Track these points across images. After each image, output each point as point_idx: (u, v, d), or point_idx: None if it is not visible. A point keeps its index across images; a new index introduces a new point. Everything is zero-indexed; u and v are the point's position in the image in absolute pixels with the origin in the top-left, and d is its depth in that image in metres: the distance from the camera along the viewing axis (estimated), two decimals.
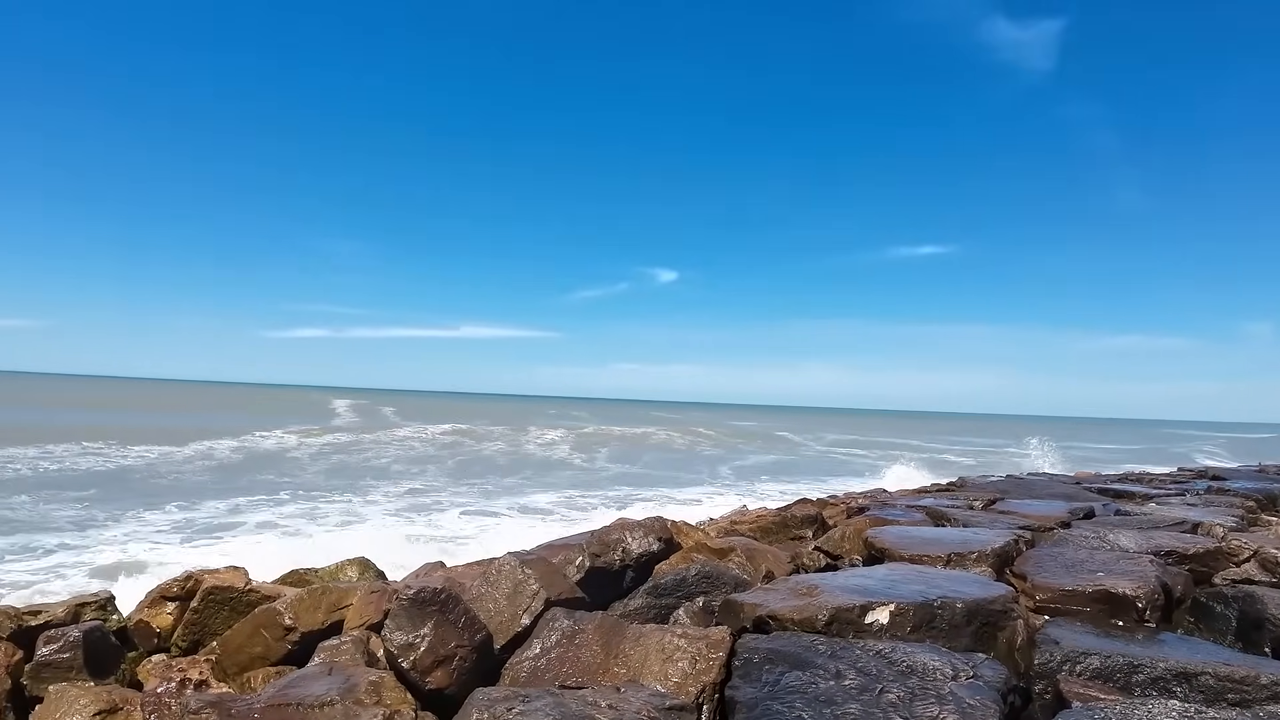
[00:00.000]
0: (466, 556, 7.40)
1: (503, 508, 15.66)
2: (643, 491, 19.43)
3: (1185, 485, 9.66)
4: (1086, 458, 36.23)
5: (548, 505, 16.13)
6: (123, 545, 10.68)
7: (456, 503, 16.02)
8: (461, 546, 11.35)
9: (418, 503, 15.88)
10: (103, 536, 11.28)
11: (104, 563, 9.72)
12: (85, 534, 11.44)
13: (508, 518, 14.42)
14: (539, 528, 13.25)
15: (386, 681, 3.20)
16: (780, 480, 23.65)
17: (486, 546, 11.00)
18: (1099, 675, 2.97)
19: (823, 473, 27.11)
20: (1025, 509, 6.45)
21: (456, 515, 14.28)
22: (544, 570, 4.08)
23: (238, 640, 4.39)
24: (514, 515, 14.64)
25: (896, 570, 4.15)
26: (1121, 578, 3.90)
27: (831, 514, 7.09)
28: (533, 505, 16.01)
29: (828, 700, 2.60)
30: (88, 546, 10.59)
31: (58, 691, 3.87)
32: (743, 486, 21.91)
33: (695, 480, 23.31)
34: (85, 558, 9.96)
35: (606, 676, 3.19)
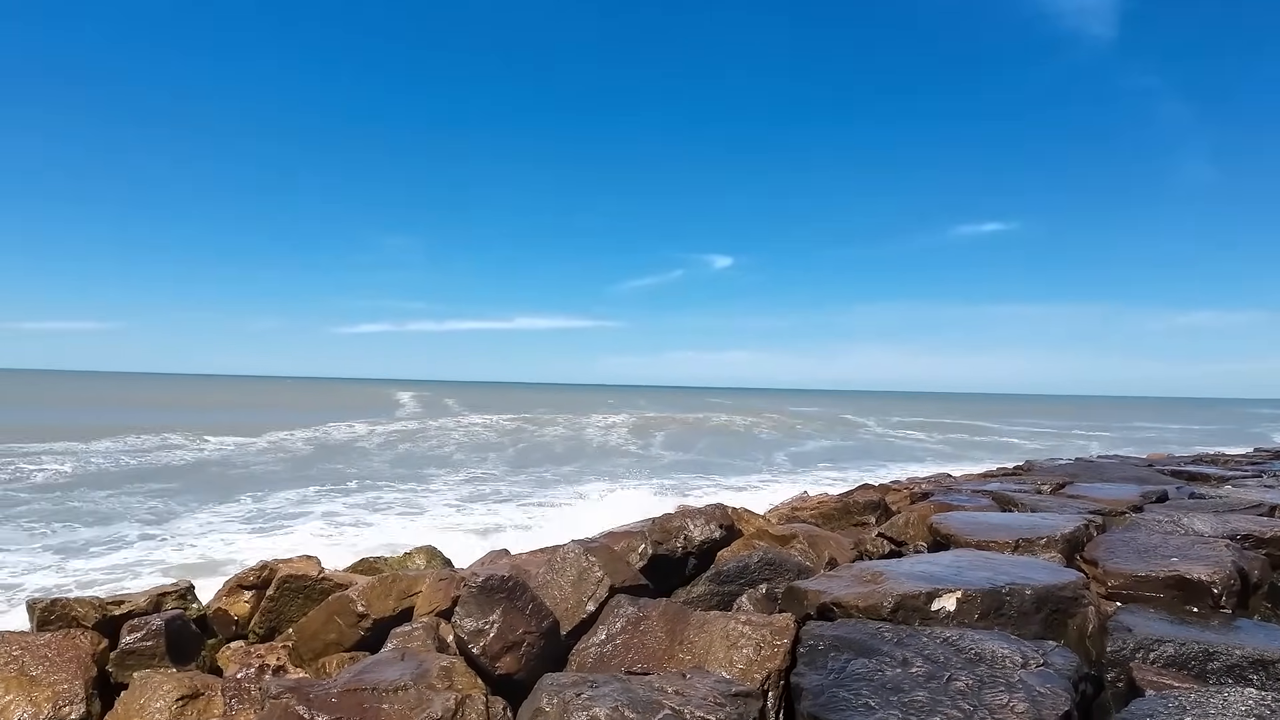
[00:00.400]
0: (527, 545, 7.50)
1: (562, 495, 15.79)
2: (700, 479, 19.42)
3: (1262, 466, 9.38)
4: (1158, 439, 35.25)
5: (605, 492, 16.19)
6: (200, 536, 11.02)
7: (516, 492, 16.20)
8: (523, 534, 11.48)
9: (478, 491, 16.10)
10: (181, 528, 11.65)
11: (182, 553, 10.06)
12: (164, 525, 11.83)
13: (567, 505, 14.53)
14: (598, 515, 13.34)
15: (457, 667, 3.28)
16: (840, 466, 23.42)
17: (547, 534, 11.14)
18: (1173, 663, 2.92)
19: (884, 458, 26.78)
20: (1095, 493, 6.32)
21: (515, 505, 14.43)
22: (607, 557, 4.12)
23: (312, 627, 4.52)
24: (573, 503, 14.74)
25: (963, 556, 4.11)
26: (1196, 563, 3.81)
27: (895, 500, 7.03)
28: (591, 493, 16.10)
29: (894, 687, 2.60)
30: (167, 538, 10.96)
31: (142, 678, 4.04)
32: (802, 473, 21.76)
33: (753, 467, 23.20)
34: (164, 549, 10.30)
35: (672, 663, 3.22)
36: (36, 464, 18.17)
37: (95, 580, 8.72)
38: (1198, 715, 2.32)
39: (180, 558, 9.82)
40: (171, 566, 9.35)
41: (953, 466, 17.69)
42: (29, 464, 18.12)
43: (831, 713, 2.49)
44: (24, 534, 11.09)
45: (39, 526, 11.54)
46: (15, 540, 10.62)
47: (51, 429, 25.97)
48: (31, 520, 11.95)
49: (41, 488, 15.20)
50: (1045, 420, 53.19)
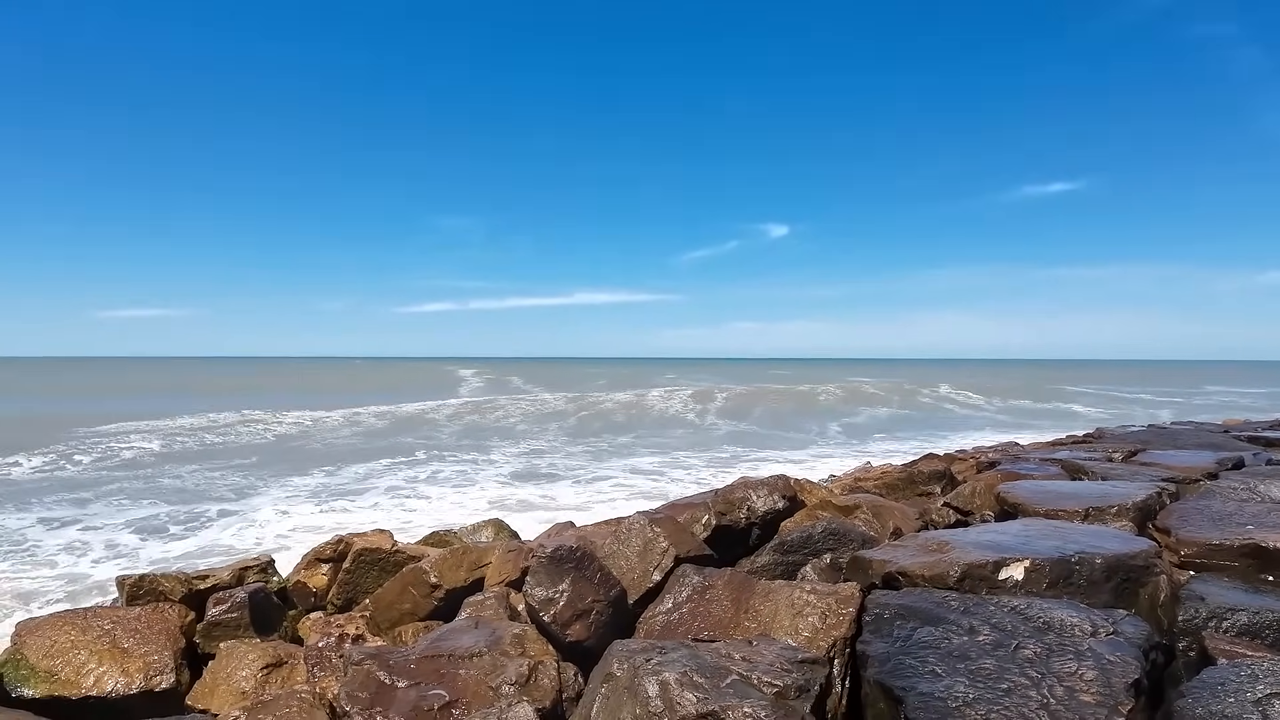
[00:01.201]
0: (591, 517, 7.62)
1: (622, 468, 15.94)
2: (759, 450, 19.43)
3: None
4: (1235, 405, 34.11)
5: (664, 466, 16.33)
6: (278, 512, 11.42)
7: (577, 465, 16.40)
8: (587, 506, 11.66)
9: (542, 465, 16.34)
10: (259, 504, 12.08)
11: (261, 529, 10.44)
12: (244, 501, 12.28)
13: (627, 478, 14.68)
14: (660, 487, 13.47)
15: (529, 634, 3.38)
16: (903, 437, 23.19)
17: (611, 507, 11.29)
18: (1247, 632, 2.88)
19: (949, 428, 26.41)
20: (1168, 460, 6.18)
21: (577, 479, 14.62)
22: (672, 528, 4.19)
23: (388, 598, 4.68)
24: (634, 476, 14.88)
25: (1031, 525, 4.07)
26: (1273, 531, 3.73)
27: (960, 469, 6.97)
28: (649, 467, 16.23)
29: (961, 655, 2.61)
30: (246, 513, 11.38)
31: (228, 648, 4.23)
32: (864, 443, 21.62)
33: (813, 439, 23.11)
34: (243, 524, 10.70)
35: (738, 631, 3.27)
36: (125, 443, 18.98)
37: (181, 555, 9.11)
38: (1271, 683, 2.30)
39: (259, 533, 10.20)
40: (251, 542, 9.72)
41: (1021, 435, 17.39)
42: (118, 444, 18.93)
43: (898, 679, 2.52)
44: (114, 509, 11.60)
45: (127, 504, 12.06)
46: (105, 516, 11.12)
47: (133, 412, 26.97)
48: (120, 497, 12.51)
49: (129, 465, 15.91)
50: (1117, 386, 51.82)
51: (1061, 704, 2.31)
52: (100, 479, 14.20)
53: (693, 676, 2.42)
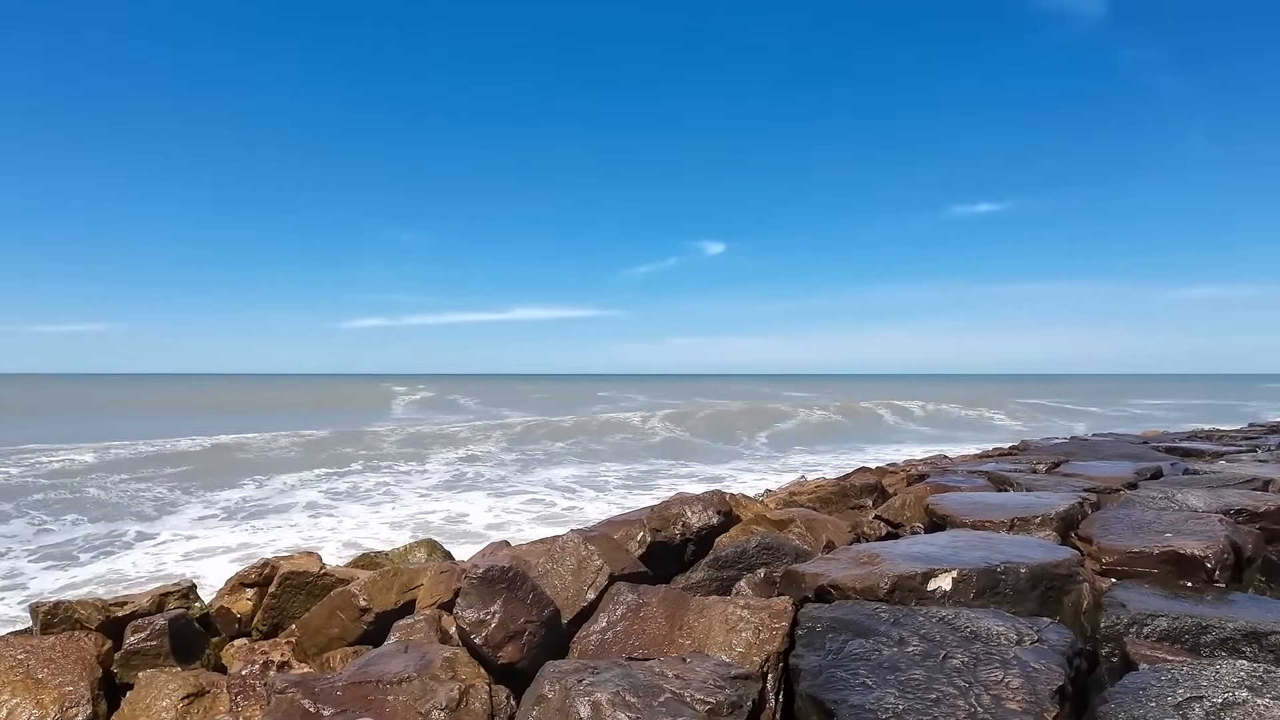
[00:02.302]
0: (527, 536, 7.55)
1: (561, 486, 15.84)
2: (695, 466, 19.50)
3: (1256, 441, 9.46)
4: (1155, 417, 35.38)
5: (604, 484, 16.29)
6: (201, 535, 11.08)
7: (515, 483, 16.25)
8: (523, 526, 11.56)
9: (477, 484, 16.15)
10: (181, 525, 11.71)
11: (182, 551, 10.11)
12: (164, 522, 11.89)
13: (565, 496, 14.61)
14: (596, 505, 13.43)
15: (460, 657, 3.31)
16: (838, 450, 23.51)
17: (547, 526, 11.21)
18: (1167, 637, 2.96)
19: (882, 441, 26.88)
20: (1090, 471, 6.36)
21: (514, 498, 14.50)
22: (606, 546, 4.16)
23: (316, 622, 4.55)
24: (571, 494, 14.82)
25: (959, 536, 4.14)
26: (1190, 538, 3.85)
27: (891, 482, 7.07)
28: (591, 483, 16.18)
29: (891, 666, 2.63)
30: (164, 535, 11.02)
31: (147, 678, 4.06)
32: (798, 457, 21.85)
33: (751, 453, 23.30)
34: (164, 548, 10.36)
35: (672, 648, 3.25)
36: (45, 461, 18.23)
37: (95, 579, 8.77)
38: (1190, 687, 2.36)
39: (179, 556, 9.88)
40: (170, 565, 9.40)
41: (950, 448, 17.78)
42: (41, 460, 18.19)
43: (829, 692, 2.53)
44: (31, 530, 11.14)
45: (40, 526, 11.58)
46: (21, 537, 10.67)
47: (56, 432, 26.00)
48: (35, 519, 12.00)
49: (44, 485, 15.25)
50: (1043, 400, 53.33)
51: (989, 712, 2.34)
52: (11, 496, 13.63)
53: (625, 696, 2.39)
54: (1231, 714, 2.21)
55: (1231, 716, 2.21)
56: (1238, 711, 2.22)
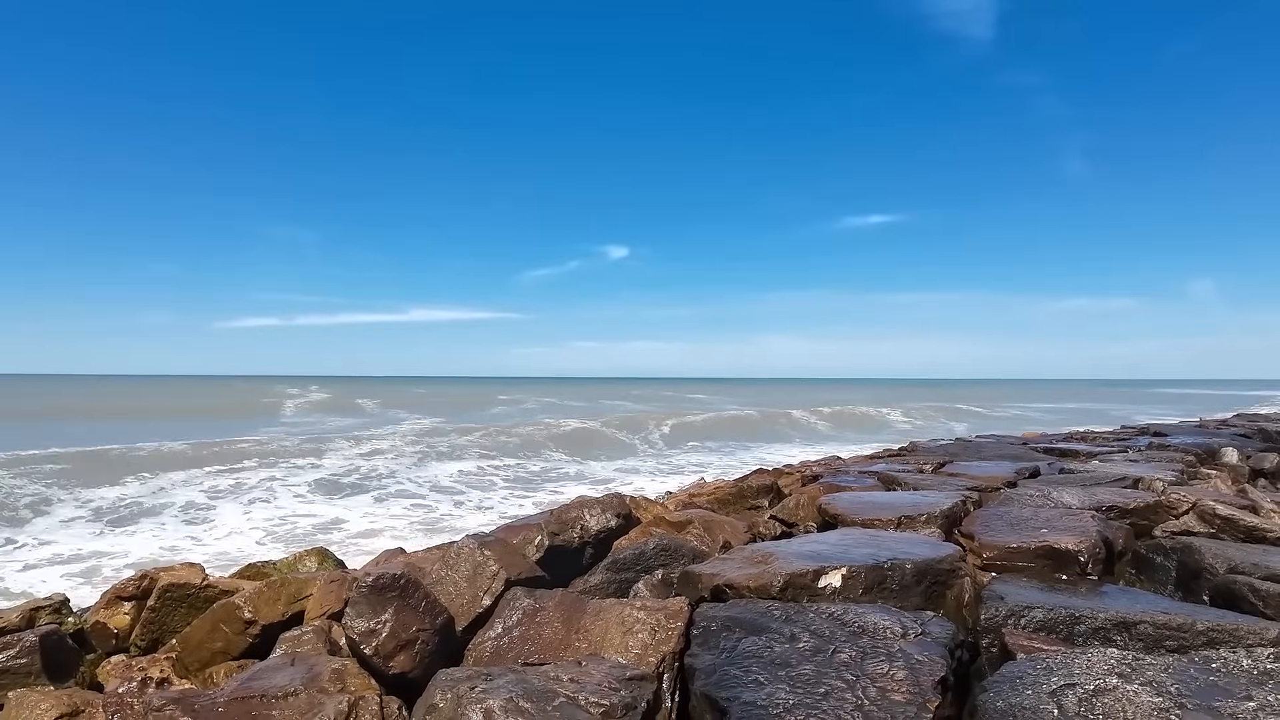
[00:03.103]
0: (422, 544, 7.41)
1: (457, 493, 15.59)
2: (591, 468, 19.51)
3: (1128, 442, 9.95)
4: (1035, 419, 37.09)
5: (492, 485, 16.16)
6: (69, 545, 10.49)
7: (410, 491, 15.89)
8: (418, 534, 11.33)
9: (374, 492, 15.74)
10: (49, 538, 11.05)
11: (53, 565, 9.56)
12: (30, 535, 11.20)
13: (463, 503, 14.40)
14: (489, 514, 13.29)
15: (350, 669, 3.22)
16: (737, 452, 23.86)
17: (442, 534, 11.02)
18: (1043, 627, 3.08)
19: (780, 442, 27.40)
20: (973, 470, 6.62)
21: (409, 505, 14.20)
22: (503, 551, 4.11)
23: (197, 636, 4.36)
24: (456, 502, 14.60)
25: (849, 535, 4.26)
26: (1064, 533, 4.04)
27: (787, 483, 7.21)
28: (476, 487, 16.00)
29: (783, 663, 2.68)
30: (34, 547, 10.39)
31: (17, 697, 3.81)
32: (696, 457, 22.09)
33: (649, 456, 23.43)
34: (31, 559, 9.77)
35: (569, 652, 3.23)
36: None
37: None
38: (1064, 675, 2.46)
39: (48, 569, 9.33)
40: (46, 577, 8.88)
41: (843, 449, 18.23)
42: None
43: (723, 690, 2.55)
44: None
45: None
46: None
47: None
48: None
49: None
50: (932, 403, 55.25)
51: (874, 704, 2.41)
52: None
53: (518, 702, 2.37)
54: (1103, 700, 2.32)
55: (1103, 702, 2.31)
56: (1109, 697, 2.32)
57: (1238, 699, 2.25)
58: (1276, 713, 2.18)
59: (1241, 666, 2.44)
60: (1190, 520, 4.76)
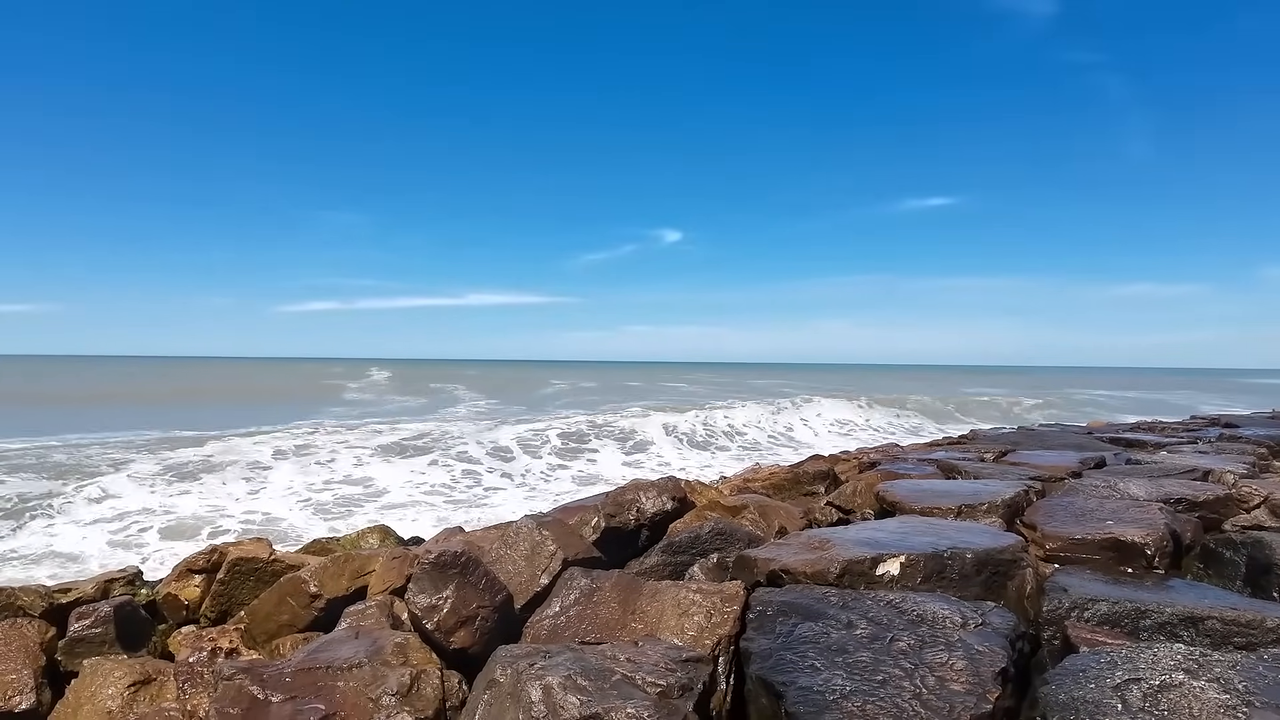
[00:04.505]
0: (481, 522, 7.52)
1: (518, 473, 15.79)
2: (651, 455, 19.56)
3: (1197, 433, 9.68)
4: (1100, 407, 36.20)
5: (552, 474, 16.30)
6: (144, 522, 10.87)
7: (471, 471, 16.14)
8: (477, 512, 11.51)
9: (434, 471, 16.01)
10: (127, 514, 11.46)
11: (128, 539, 9.92)
12: (111, 510, 11.63)
13: (522, 482, 14.58)
14: (543, 494, 13.43)
15: (412, 643, 3.30)
16: (788, 440, 23.73)
17: (501, 513, 11.18)
18: (1107, 621, 3.03)
19: (833, 430, 27.16)
20: (1036, 460, 6.49)
21: (470, 484, 14.43)
22: (560, 531, 4.16)
23: (265, 609, 4.50)
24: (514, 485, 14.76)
25: (908, 523, 4.21)
26: (1130, 525, 3.95)
27: (844, 469, 7.16)
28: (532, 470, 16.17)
29: (839, 649, 2.68)
30: (113, 521, 10.79)
31: (92, 665, 3.99)
32: (752, 446, 22.02)
33: (707, 442, 23.40)
34: (107, 534, 10.15)
35: (624, 632, 3.27)
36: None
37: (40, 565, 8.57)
38: (1128, 670, 2.42)
39: (126, 543, 9.69)
40: (117, 549, 9.23)
41: (901, 437, 18.02)
42: None
43: (779, 675, 2.56)
44: None
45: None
46: None
47: None
48: None
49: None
50: (991, 390, 54.29)
51: (933, 693, 2.39)
52: None
53: (577, 679, 2.40)
54: (1168, 696, 2.27)
55: (1168, 698, 2.26)
56: (1174, 693, 2.28)
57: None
58: None
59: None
60: (1261, 514, 4.62)
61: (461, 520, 10.41)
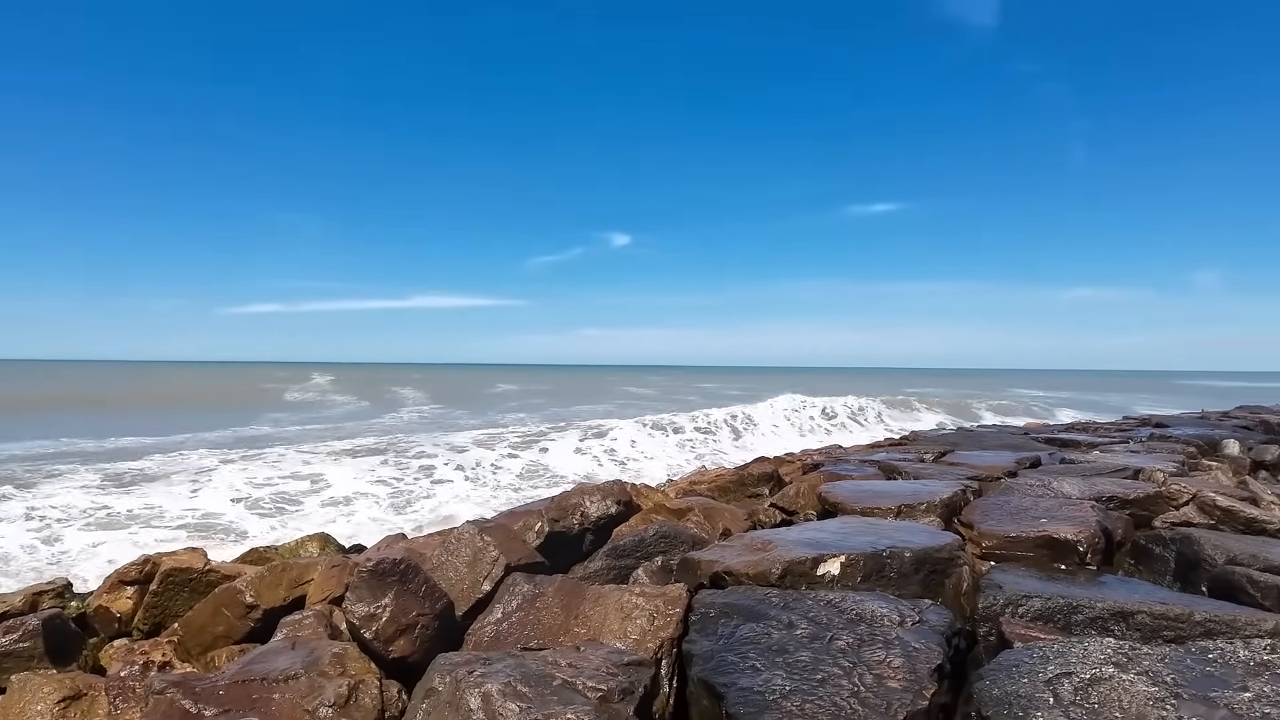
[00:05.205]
0: (425, 529, 7.44)
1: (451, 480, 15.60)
2: (599, 463, 19.51)
3: (1129, 433, 9.95)
4: (1037, 409, 37.06)
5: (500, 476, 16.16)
6: (75, 531, 10.54)
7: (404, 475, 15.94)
8: (420, 519, 11.38)
9: (373, 479, 15.77)
10: (54, 523, 11.10)
11: (58, 548, 9.61)
12: (34, 517, 11.25)
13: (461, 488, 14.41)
14: (489, 496, 13.33)
15: (350, 653, 3.23)
16: (736, 442, 23.88)
17: (444, 520, 11.06)
18: (1040, 616, 3.09)
19: (778, 432, 27.37)
20: (974, 460, 6.62)
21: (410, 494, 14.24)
22: (503, 537, 4.13)
23: (199, 620, 4.39)
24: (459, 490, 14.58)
25: (849, 523, 4.27)
26: (1064, 523, 4.05)
27: (788, 471, 7.22)
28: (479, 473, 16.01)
29: (780, 649, 2.69)
30: (39, 531, 10.44)
31: (20, 680, 3.85)
32: (700, 448, 22.10)
33: (653, 445, 23.42)
34: (45, 540, 9.83)
35: (568, 637, 3.25)
36: None
37: None
38: (1060, 664, 2.47)
39: (56, 555, 9.38)
40: (46, 565, 8.93)
41: (845, 438, 18.23)
42: None
43: (720, 676, 2.57)
44: None
45: None
46: None
47: None
48: None
49: None
50: (935, 392, 55.20)
51: (870, 691, 2.42)
52: None
53: (517, 686, 2.38)
54: (1098, 689, 2.32)
55: (1098, 691, 2.31)
56: (1104, 686, 2.33)
57: (1234, 689, 2.25)
58: (1272, 703, 2.18)
59: (1238, 657, 2.44)
60: (1190, 511, 4.77)
61: (407, 526, 10.28)
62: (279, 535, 10.10)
